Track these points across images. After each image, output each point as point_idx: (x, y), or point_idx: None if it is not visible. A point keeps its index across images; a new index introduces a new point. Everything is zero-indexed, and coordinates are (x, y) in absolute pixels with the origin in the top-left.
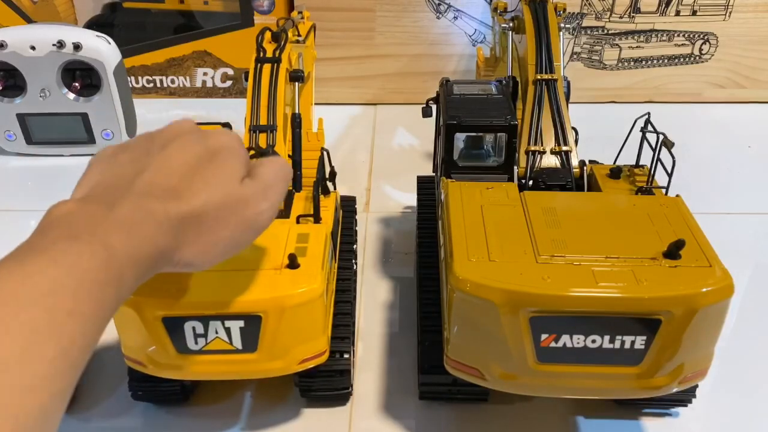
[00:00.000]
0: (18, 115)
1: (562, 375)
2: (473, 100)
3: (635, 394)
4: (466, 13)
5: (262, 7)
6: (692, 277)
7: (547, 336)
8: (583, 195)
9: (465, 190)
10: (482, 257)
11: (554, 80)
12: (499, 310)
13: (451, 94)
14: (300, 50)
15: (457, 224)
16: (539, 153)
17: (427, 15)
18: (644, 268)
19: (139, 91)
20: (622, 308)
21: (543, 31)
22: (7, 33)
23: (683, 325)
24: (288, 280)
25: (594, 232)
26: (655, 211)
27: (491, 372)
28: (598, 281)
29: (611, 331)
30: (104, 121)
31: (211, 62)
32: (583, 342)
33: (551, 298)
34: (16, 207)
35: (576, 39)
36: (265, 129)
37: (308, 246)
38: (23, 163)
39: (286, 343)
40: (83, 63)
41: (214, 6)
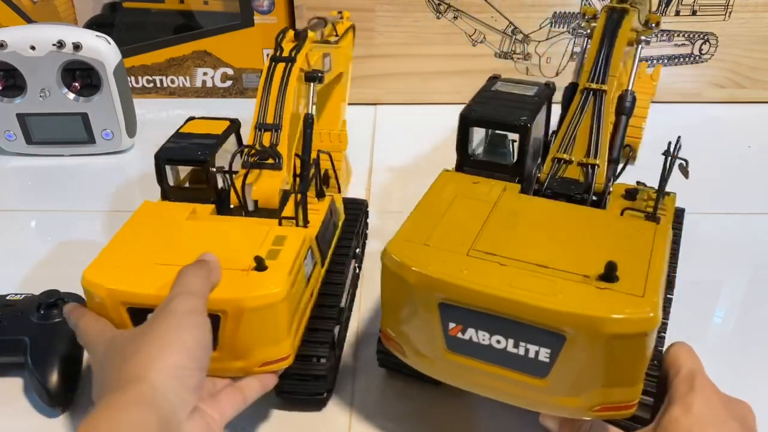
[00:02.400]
0: (18, 115)
1: (471, 369)
2: (502, 98)
3: (542, 408)
4: (466, 13)
5: (262, 7)
6: (612, 301)
7: (454, 326)
8: (564, 207)
9: (452, 180)
10: (420, 241)
11: (603, 91)
12: (413, 290)
13: (487, 90)
14: (325, 50)
15: (420, 207)
16: (565, 162)
17: (427, 15)
18: (570, 283)
19: (139, 91)
20: (523, 314)
21: (607, 40)
22: (7, 33)
23: (589, 348)
24: (252, 281)
25: (545, 242)
26: (626, 234)
27: (410, 350)
28: (512, 284)
29: (515, 335)
30: (104, 121)
31: (211, 62)
32: (488, 340)
33: (457, 288)
34: (16, 207)
35: (576, 39)
36: (270, 128)
37: (282, 249)
38: (23, 163)
39: (246, 344)
40: (83, 63)
41: (214, 6)
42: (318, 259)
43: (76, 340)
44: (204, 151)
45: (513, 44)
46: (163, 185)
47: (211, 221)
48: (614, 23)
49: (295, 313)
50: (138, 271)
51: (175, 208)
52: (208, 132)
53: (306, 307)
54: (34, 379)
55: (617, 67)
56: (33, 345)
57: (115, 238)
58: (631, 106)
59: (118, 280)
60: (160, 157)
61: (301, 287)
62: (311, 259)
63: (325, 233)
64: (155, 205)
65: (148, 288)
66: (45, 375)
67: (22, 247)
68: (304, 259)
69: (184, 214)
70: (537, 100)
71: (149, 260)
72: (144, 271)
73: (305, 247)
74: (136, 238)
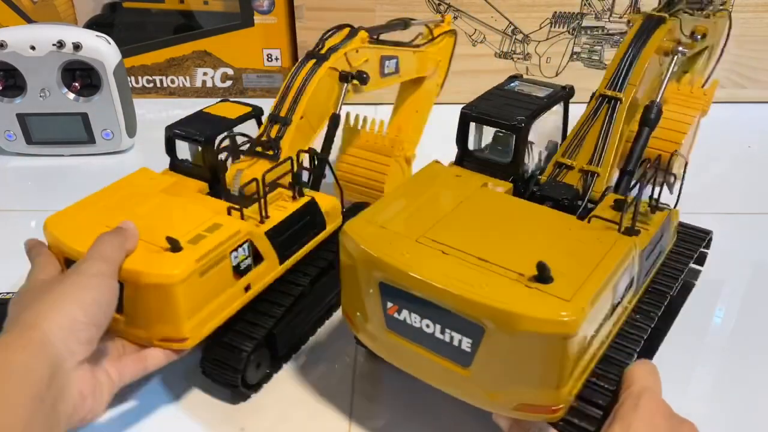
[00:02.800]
0: (18, 115)
1: (405, 349)
2: (509, 97)
3: (466, 397)
4: (466, 13)
5: (262, 7)
6: (533, 300)
7: (392, 305)
8: (535, 209)
9: (436, 171)
10: (378, 223)
11: (617, 99)
12: (359, 268)
13: (500, 88)
14: (384, 52)
15: (394, 193)
16: (566, 167)
17: (427, 15)
18: (502, 278)
19: (139, 91)
20: (447, 301)
21: (633, 47)
22: (7, 33)
23: (505, 343)
24: (157, 259)
25: (497, 239)
26: (584, 241)
27: (361, 327)
28: (445, 273)
29: (442, 322)
30: (104, 121)
31: (211, 62)
32: (419, 323)
33: (393, 270)
34: (16, 207)
35: (576, 39)
36: (280, 121)
37: (208, 237)
38: (23, 163)
39: (143, 316)
40: (83, 63)
41: (214, 6)
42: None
43: None
44: (205, 132)
45: (513, 44)
46: (171, 157)
47: (173, 198)
48: (646, 31)
49: (201, 299)
50: (84, 228)
51: (159, 180)
52: (225, 115)
53: (228, 298)
54: None
55: (638, 76)
56: None
57: (92, 195)
58: (655, 118)
59: (64, 233)
60: (167, 130)
61: (223, 276)
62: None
63: (290, 231)
64: (146, 173)
65: (82, 246)
66: None
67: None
68: (233, 250)
69: (162, 186)
70: (544, 101)
71: (99, 221)
72: (88, 229)
73: (235, 240)
74: (105, 198)
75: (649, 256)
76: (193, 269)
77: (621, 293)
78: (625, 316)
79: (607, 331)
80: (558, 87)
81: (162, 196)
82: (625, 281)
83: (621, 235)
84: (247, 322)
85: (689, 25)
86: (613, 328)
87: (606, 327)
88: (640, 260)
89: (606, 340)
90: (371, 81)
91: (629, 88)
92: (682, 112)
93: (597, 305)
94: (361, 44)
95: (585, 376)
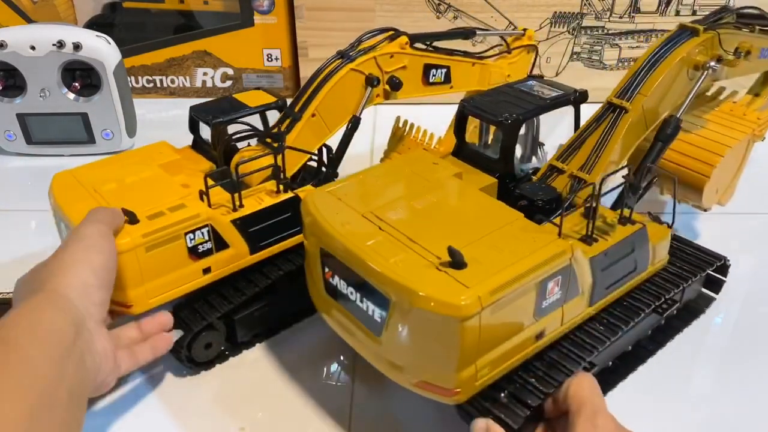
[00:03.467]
0: (18, 115)
1: (338, 314)
2: (512, 95)
3: (380, 367)
4: (466, 13)
5: (262, 7)
6: (434, 281)
7: (328, 270)
8: (487, 201)
9: (417, 157)
10: (338, 195)
11: (623, 108)
12: (307, 232)
13: (510, 86)
14: (428, 61)
15: (368, 170)
16: (557, 171)
17: (427, 15)
18: (418, 258)
19: (139, 91)
20: (362, 271)
21: (654, 57)
22: (7, 33)
23: (407, 318)
24: (126, 229)
25: (437, 224)
26: (518, 236)
27: (312, 289)
28: (370, 245)
29: (361, 291)
30: (104, 121)
31: (211, 62)
32: (346, 289)
33: (329, 237)
34: (16, 207)
35: (576, 39)
36: (291, 115)
37: (166, 215)
38: (23, 163)
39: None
40: (83, 63)
41: (214, 6)
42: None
43: None
44: (217, 116)
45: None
46: (194, 135)
47: (163, 173)
48: (674, 41)
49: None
50: (77, 190)
51: (166, 155)
52: (247, 102)
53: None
54: None
55: (651, 87)
56: None
57: (104, 159)
58: (671, 133)
59: (61, 194)
60: (191, 109)
61: (176, 255)
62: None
63: (264, 224)
64: (160, 147)
65: (68, 208)
66: None
67: (22, 247)
68: (189, 232)
69: (164, 161)
70: (546, 103)
71: (93, 184)
72: (80, 192)
73: (192, 223)
74: (112, 163)
75: (608, 268)
76: (138, 243)
77: (555, 295)
78: (577, 322)
79: (538, 330)
80: (570, 90)
81: (156, 170)
82: (558, 284)
83: (559, 238)
84: (207, 303)
85: (733, 42)
86: (549, 329)
87: (535, 326)
88: (591, 268)
89: (537, 340)
90: (410, 88)
91: (639, 98)
92: (724, 133)
93: (505, 298)
94: (398, 49)
95: (505, 370)
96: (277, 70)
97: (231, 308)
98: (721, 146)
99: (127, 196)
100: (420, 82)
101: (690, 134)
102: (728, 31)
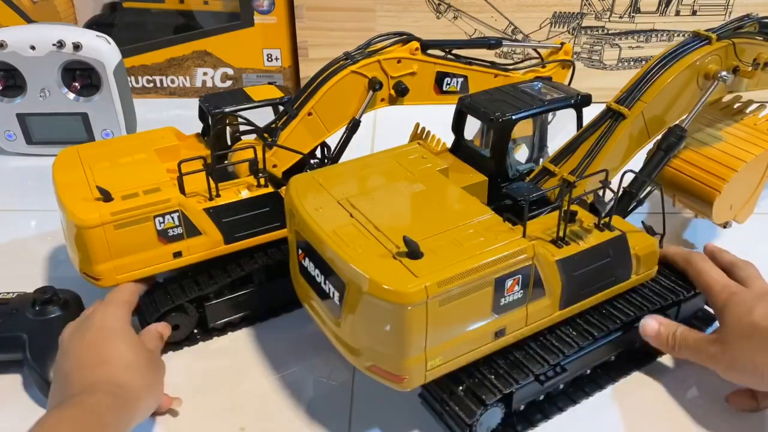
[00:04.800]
0: (18, 115)
1: (309, 296)
2: (511, 95)
3: (340, 349)
4: (466, 13)
5: (262, 7)
6: (386, 269)
7: (301, 252)
8: (462, 197)
9: (408, 151)
10: (321, 180)
11: (620, 114)
12: (287, 212)
13: (513, 86)
14: (441, 68)
15: (359, 159)
16: (549, 173)
17: (427, 15)
18: (379, 246)
19: (139, 91)
20: (325, 255)
21: (661, 63)
22: (7, 33)
23: (357, 301)
24: (86, 205)
25: (407, 216)
26: (483, 233)
27: (291, 270)
28: (335, 231)
29: (324, 273)
30: (104, 121)
31: (211, 62)
32: (313, 271)
33: (301, 220)
34: (16, 207)
35: (576, 39)
36: (288, 113)
37: (140, 197)
38: (23, 163)
39: (73, 251)
40: (83, 63)
41: (214, 6)
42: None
43: None
44: (220, 108)
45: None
46: (203, 124)
47: (154, 156)
48: (684, 49)
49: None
50: (74, 166)
51: (166, 140)
52: (252, 96)
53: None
54: (34, 373)
55: (653, 94)
56: (31, 341)
57: (109, 140)
58: (674, 142)
59: (59, 167)
60: (200, 99)
61: (145, 236)
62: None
63: (239, 216)
64: (164, 132)
65: (61, 185)
66: (46, 369)
67: (22, 246)
68: (158, 215)
69: (161, 146)
70: (544, 104)
71: (90, 162)
72: (74, 170)
73: (162, 207)
74: (114, 144)
75: (581, 272)
76: (106, 220)
77: (515, 294)
78: (545, 324)
79: (497, 327)
80: (573, 93)
81: (150, 153)
82: (518, 283)
83: (522, 238)
84: (179, 287)
85: (752, 52)
86: (512, 328)
87: (494, 323)
88: (560, 271)
89: (497, 337)
90: (420, 95)
91: (639, 105)
92: (742, 147)
93: (456, 291)
94: (407, 54)
95: (460, 363)
96: (277, 70)
97: (201, 294)
98: (736, 161)
99: (113, 176)
100: (431, 90)
101: (706, 146)
102: (746, 41)
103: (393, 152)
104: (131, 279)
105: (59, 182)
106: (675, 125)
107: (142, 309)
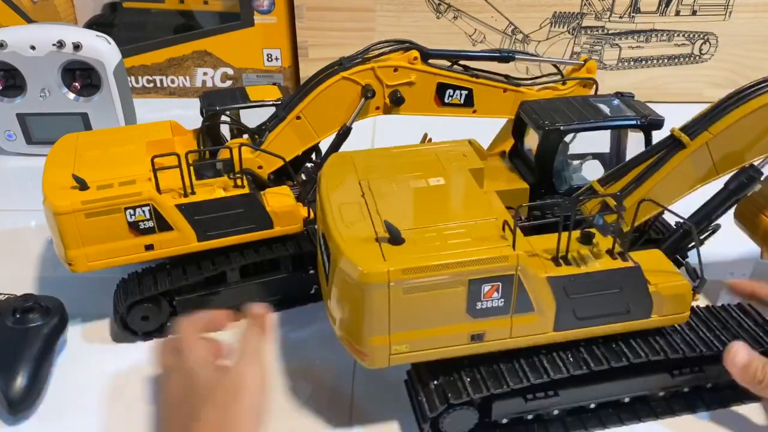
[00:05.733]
0: (18, 115)
1: (321, 264)
2: (575, 106)
3: (329, 315)
4: (466, 13)
5: (262, 7)
6: (364, 251)
7: (319, 223)
8: (480, 197)
9: (457, 145)
10: (354, 160)
11: (681, 143)
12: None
13: (585, 97)
14: (441, 80)
15: (402, 147)
16: (593, 192)
17: (427, 15)
18: (370, 228)
19: (139, 91)
20: (323, 226)
21: (736, 98)
22: (7, 33)
23: (335, 274)
24: (61, 193)
25: (416, 206)
26: (478, 235)
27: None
28: (340, 208)
29: (325, 239)
30: (104, 120)
31: (211, 62)
32: (323, 242)
33: (319, 188)
34: (16, 207)
35: (576, 39)
36: (277, 115)
37: (114, 187)
38: (23, 163)
39: (53, 234)
40: (83, 63)
41: (214, 6)
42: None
43: (45, 347)
44: (216, 105)
45: (513, 44)
46: (203, 119)
47: (141, 148)
48: (765, 84)
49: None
50: (67, 153)
51: (161, 133)
52: (250, 96)
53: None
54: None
55: (721, 127)
56: (1, 350)
57: (113, 129)
58: (744, 183)
59: (54, 151)
60: (201, 95)
61: (116, 227)
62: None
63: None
64: (163, 125)
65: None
66: (8, 382)
67: (21, 246)
68: (129, 207)
69: (154, 138)
70: (601, 121)
71: (82, 150)
72: (66, 155)
73: (133, 200)
74: (113, 133)
75: (581, 296)
76: (76, 208)
77: (493, 301)
78: (536, 341)
79: (473, 330)
80: (643, 114)
81: (140, 145)
82: (498, 290)
83: (508, 246)
84: (152, 279)
85: None
86: (492, 335)
87: (468, 324)
88: (552, 289)
89: (473, 341)
90: (418, 105)
91: (704, 136)
92: None
93: (422, 282)
94: (405, 63)
95: (430, 356)
96: (277, 70)
97: (170, 288)
98: None
99: (97, 164)
100: (431, 101)
101: None
102: None
103: (441, 146)
104: (104, 266)
105: (47, 167)
106: (750, 165)
107: (115, 298)
